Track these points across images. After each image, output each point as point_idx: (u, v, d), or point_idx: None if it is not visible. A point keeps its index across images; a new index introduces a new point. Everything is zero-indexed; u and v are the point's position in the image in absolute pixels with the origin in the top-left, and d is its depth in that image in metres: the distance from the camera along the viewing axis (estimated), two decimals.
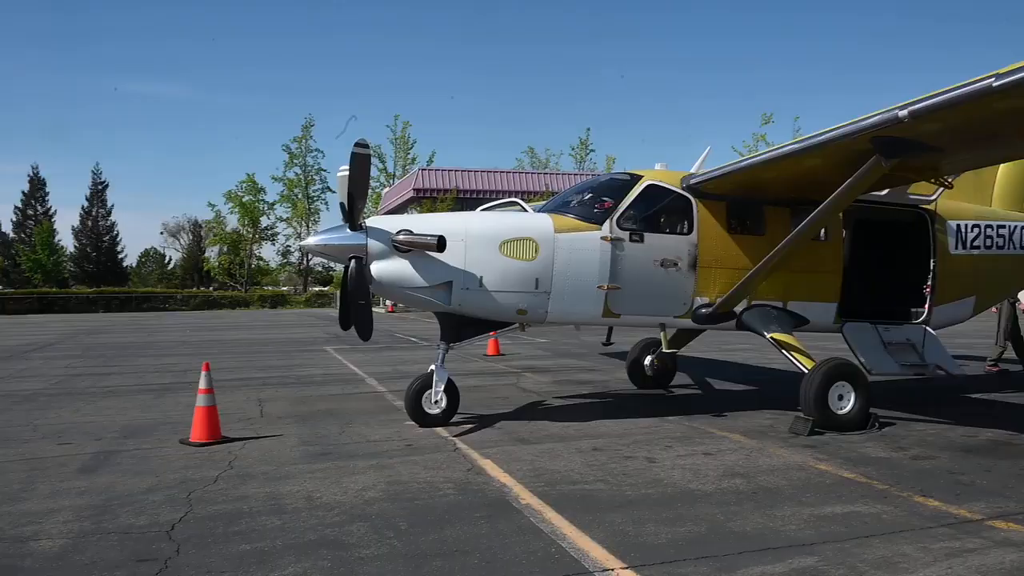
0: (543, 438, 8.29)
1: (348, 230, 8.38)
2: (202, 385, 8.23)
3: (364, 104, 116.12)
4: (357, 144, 7.94)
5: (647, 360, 11.52)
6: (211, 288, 72.21)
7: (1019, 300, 14.19)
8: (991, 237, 11.42)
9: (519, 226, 8.81)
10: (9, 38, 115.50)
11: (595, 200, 9.39)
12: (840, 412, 8.47)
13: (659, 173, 9.77)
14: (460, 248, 8.46)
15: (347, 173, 8.19)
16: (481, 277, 8.52)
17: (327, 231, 8.79)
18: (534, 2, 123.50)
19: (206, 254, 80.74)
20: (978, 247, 11.22)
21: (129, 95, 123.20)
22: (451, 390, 8.98)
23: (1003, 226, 11.63)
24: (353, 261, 8.26)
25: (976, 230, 11.24)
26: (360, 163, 8.00)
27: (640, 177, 9.47)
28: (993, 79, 5.88)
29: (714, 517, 5.55)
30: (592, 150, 73.12)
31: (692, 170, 10.01)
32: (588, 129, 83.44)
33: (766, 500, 5.96)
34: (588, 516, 5.56)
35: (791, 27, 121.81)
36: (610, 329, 11.77)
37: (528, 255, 8.65)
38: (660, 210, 9.40)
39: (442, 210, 36.22)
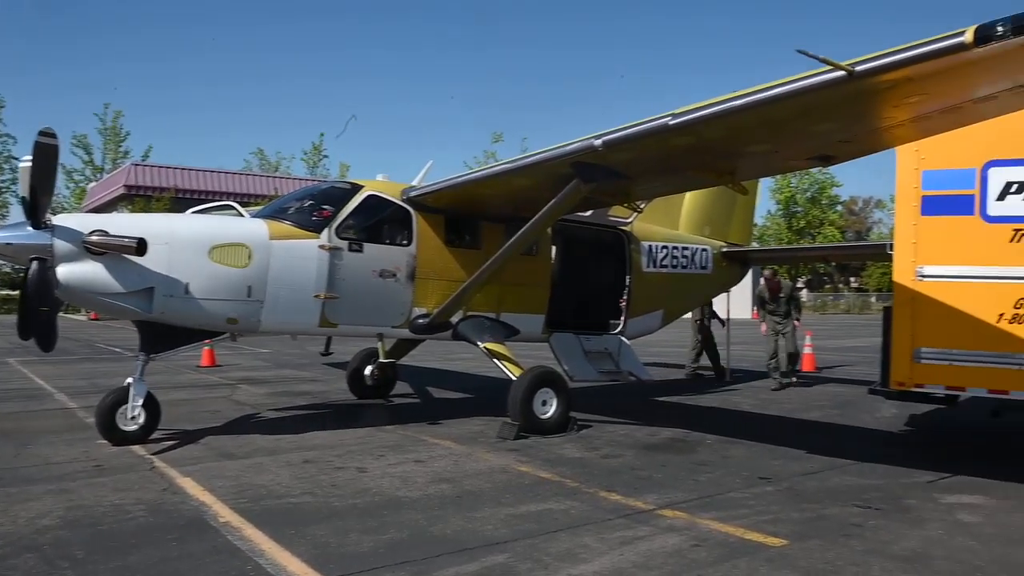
0: (251, 452, 7.98)
1: (30, 228, 7.52)
2: None
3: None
4: (42, 133, 7.16)
5: (367, 370, 11.50)
6: None
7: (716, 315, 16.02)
8: (677, 257, 12.86)
9: (231, 231, 8.44)
10: None
11: (314, 208, 9.26)
12: (543, 417, 9.05)
13: (380, 184, 9.87)
14: (164, 252, 7.93)
15: (30, 164, 7.35)
16: (187, 284, 8.04)
17: (5, 228, 7.85)
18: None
19: None
20: (666, 266, 12.59)
21: None
22: (151, 404, 8.36)
23: (687, 248, 13.15)
24: (35, 263, 7.41)
25: (665, 250, 12.60)
26: (44, 154, 7.21)
27: (361, 187, 9.50)
28: (670, 118, 6.65)
29: (418, 523, 5.68)
30: (325, 156, 71.80)
31: (414, 183, 10.22)
32: (322, 134, 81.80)
33: (469, 503, 6.21)
34: (291, 530, 5.44)
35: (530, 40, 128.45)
36: (328, 339, 11.63)
37: (240, 262, 8.31)
38: (380, 221, 9.48)
39: (157, 210, 33.63)
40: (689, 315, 15.62)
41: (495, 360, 9.57)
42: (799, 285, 68.71)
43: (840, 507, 6.25)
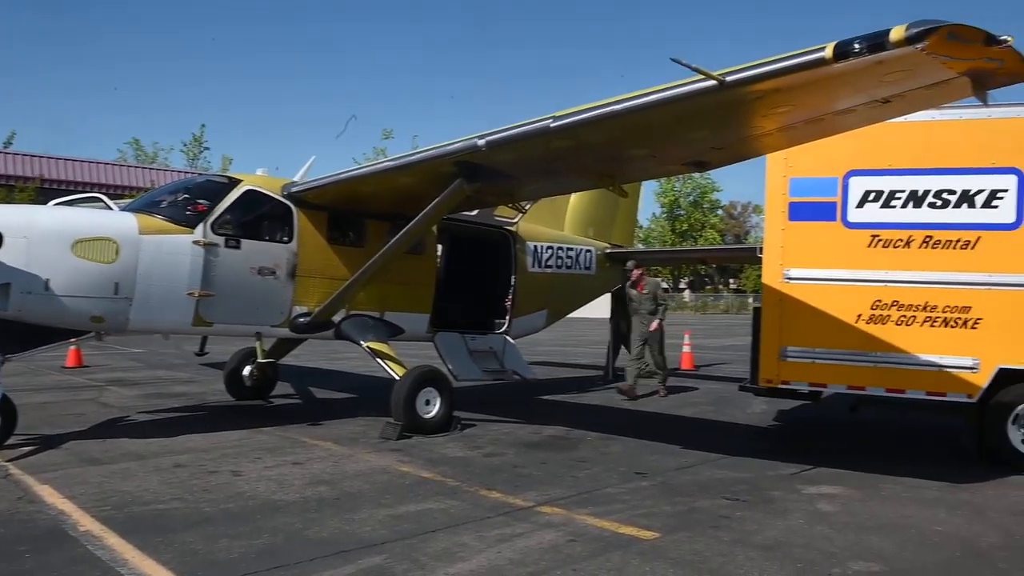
0: (118, 457, 7.60)
1: None
2: None
3: None
4: None
5: (246, 370, 11.15)
6: None
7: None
8: (562, 258, 13.07)
9: (97, 225, 8.01)
10: None
11: (189, 202, 8.90)
12: (427, 416, 9.01)
13: (259, 179, 9.60)
14: (21, 246, 7.45)
15: None
16: (48, 280, 7.58)
17: None
18: None
19: None
20: (551, 266, 12.77)
21: None
22: (6, 407, 7.83)
23: (572, 248, 13.38)
24: None
25: (550, 251, 12.78)
26: None
27: (239, 181, 9.20)
28: (551, 120, 6.75)
29: (293, 526, 5.55)
30: (207, 148, 68.97)
31: (296, 179, 9.99)
32: (203, 125, 78.45)
33: (347, 505, 6.11)
34: (157, 538, 5.21)
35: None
36: (204, 338, 11.20)
37: (107, 257, 7.90)
38: (259, 216, 9.21)
39: (20, 202, 31.56)
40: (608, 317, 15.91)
41: (378, 359, 9.46)
42: (665, 285, 71.29)
43: (710, 500, 6.50)
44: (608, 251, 14.40)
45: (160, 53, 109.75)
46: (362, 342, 9.57)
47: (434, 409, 9.08)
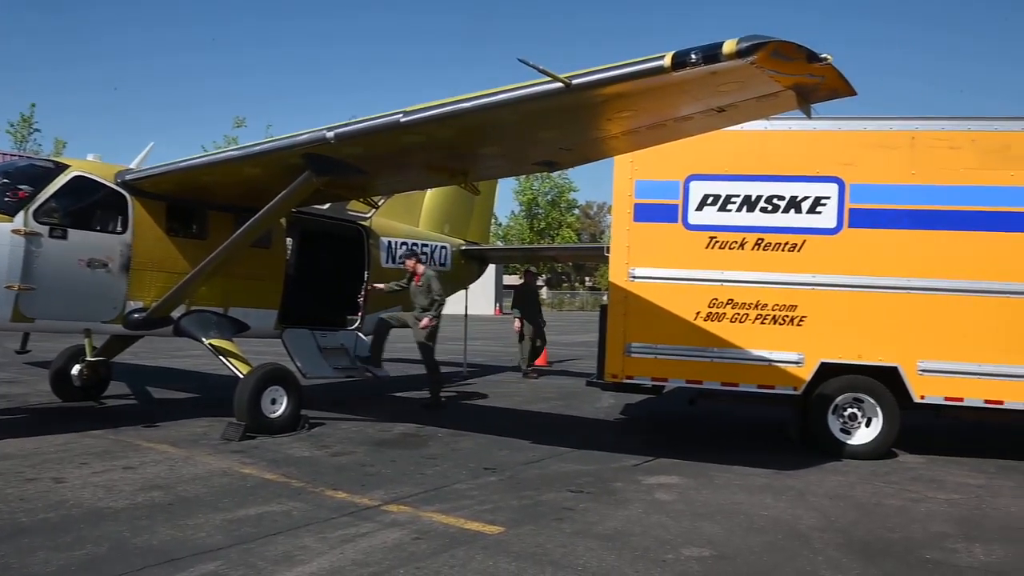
0: None
1: None
2: None
3: None
4: None
5: (75, 369, 10.38)
6: None
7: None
8: (416, 254, 12.94)
9: None
10: None
11: (8, 187, 8.21)
12: (273, 416, 8.73)
13: (90, 164, 8.98)
14: None
15: None
16: None
17: None
18: None
19: None
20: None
21: None
22: None
23: (427, 244, 13.34)
24: None
25: (404, 247, 12.66)
26: None
27: (67, 167, 8.58)
28: (401, 115, 6.68)
29: (120, 535, 5.22)
30: (37, 129, 63.81)
31: (132, 166, 9.42)
32: (33, 105, 72.30)
33: (182, 510, 5.82)
34: None
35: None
36: (25, 335, 10.35)
37: None
38: (89, 205, 8.63)
39: None
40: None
41: (221, 357, 9.08)
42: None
43: (555, 493, 6.64)
44: (464, 248, 14.45)
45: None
46: (203, 339, 9.15)
47: (280, 408, 8.81)
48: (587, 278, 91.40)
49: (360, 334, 11.27)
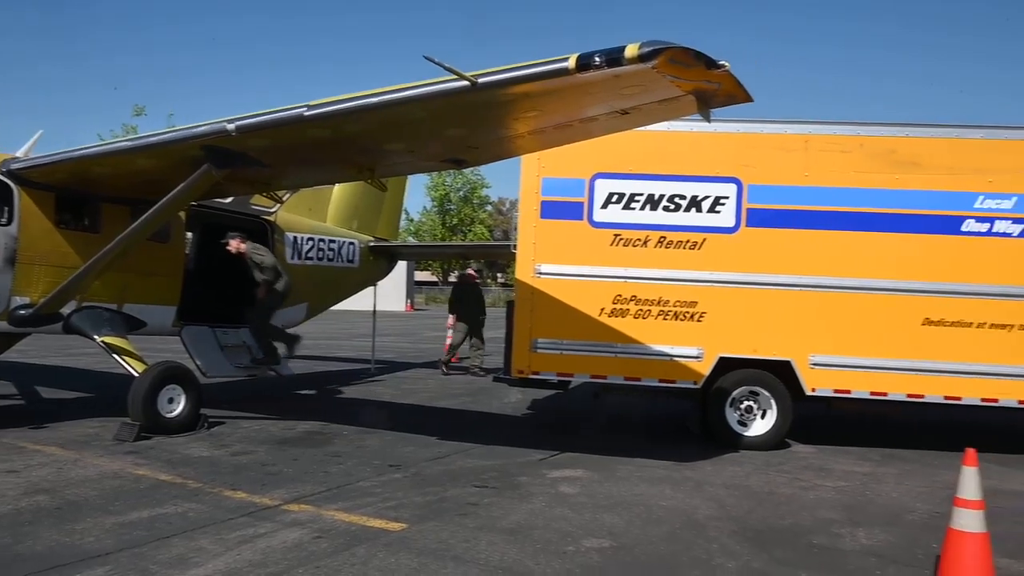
0: None
1: None
2: None
3: None
4: None
5: None
6: None
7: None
8: (323, 250, 12.78)
9: None
10: None
11: None
12: (170, 415, 8.45)
13: None
14: None
15: None
16: None
17: None
18: None
19: None
20: (312, 258, 12.44)
21: None
22: None
23: (334, 240, 13.14)
24: None
25: (311, 243, 12.45)
26: None
27: None
28: (305, 109, 6.56)
29: (1, 542, 4.97)
30: None
31: (18, 154, 8.95)
32: None
33: (70, 514, 5.58)
34: None
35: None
36: None
37: None
38: None
39: None
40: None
41: (115, 355, 8.74)
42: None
43: (460, 488, 6.66)
44: (373, 244, 14.31)
45: None
46: (96, 336, 8.78)
47: (178, 407, 8.54)
48: (499, 275, 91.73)
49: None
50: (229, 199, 10.29)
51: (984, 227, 8.56)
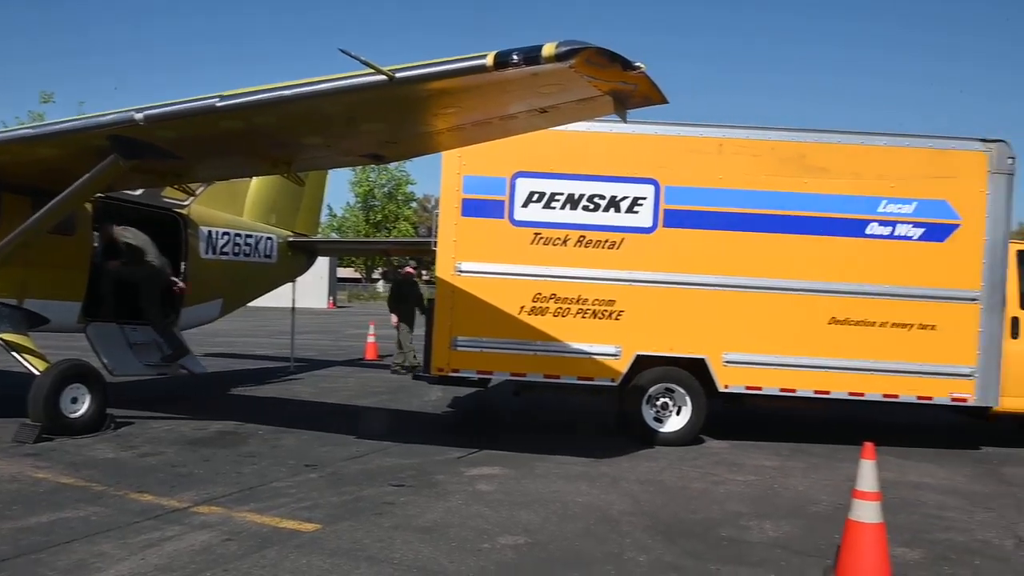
0: None
1: None
2: None
3: None
4: None
5: None
6: None
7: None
8: (239, 244, 12.47)
9: None
10: None
11: None
12: (73, 415, 8.13)
13: None
14: None
15: None
16: None
17: None
18: None
19: None
20: (227, 253, 12.13)
21: None
22: None
23: (251, 235, 12.83)
24: None
25: (226, 237, 12.13)
26: None
27: None
28: (217, 99, 6.38)
29: None
30: None
31: None
32: None
33: None
34: None
35: None
36: None
37: None
38: None
39: None
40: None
41: (14, 353, 8.36)
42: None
43: (377, 488, 6.60)
44: (291, 240, 14.04)
45: None
46: None
47: (83, 407, 8.21)
48: (424, 272, 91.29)
49: (176, 329, 10.69)
50: (139, 191, 9.94)
51: (887, 230, 8.93)
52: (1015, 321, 9.18)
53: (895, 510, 6.21)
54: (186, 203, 10.97)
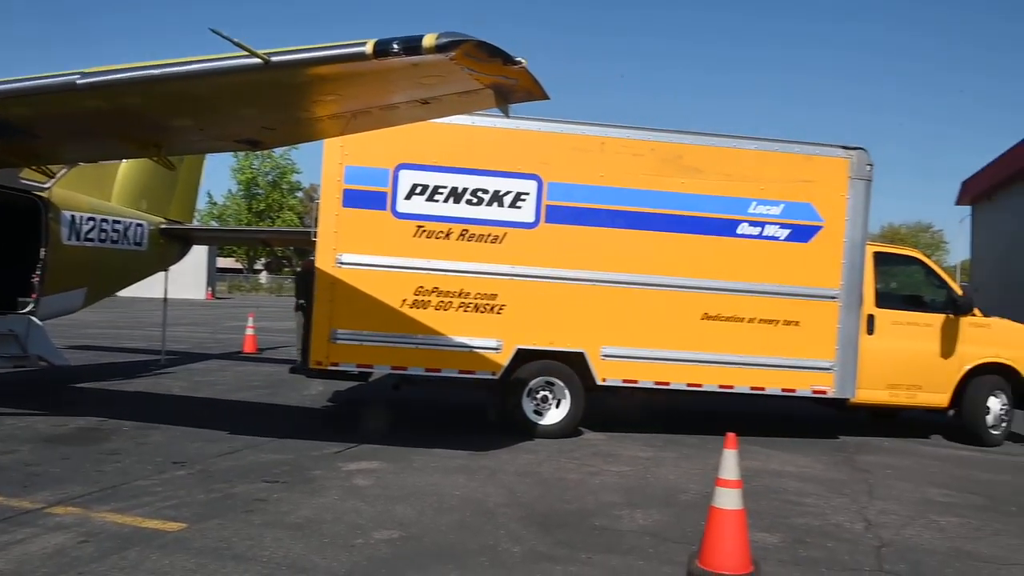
0: None
1: None
2: None
3: None
4: None
5: None
6: None
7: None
8: (106, 231, 11.83)
9: None
10: None
11: None
12: None
13: None
14: None
15: None
16: None
17: None
18: None
19: None
20: (92, 239, 11.48)
21: None
22: None
23: (119, 221, 12.20)
24: None
25: (92, 222, 11.49)
26: None
27: None
28: (78, 76, 6.01)
29: None
30: None
31: None
32: None
33: None
34: None
35: None
36: None
37: None
38: None
39: None
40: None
41: None
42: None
43: (248, 484, 6.41)
44: (164, 227, 13.44)
45: None
46: None
47: None
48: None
49: (34, 319, 10.03)
50: None
51: (756, 231, 9.35)
52: (871, 318, 9.79)
53: (757, 497, 6.52)
54: (46, 185, 10.31)
